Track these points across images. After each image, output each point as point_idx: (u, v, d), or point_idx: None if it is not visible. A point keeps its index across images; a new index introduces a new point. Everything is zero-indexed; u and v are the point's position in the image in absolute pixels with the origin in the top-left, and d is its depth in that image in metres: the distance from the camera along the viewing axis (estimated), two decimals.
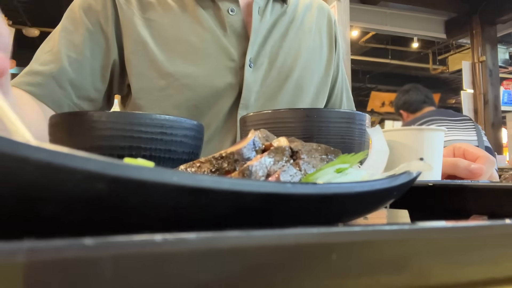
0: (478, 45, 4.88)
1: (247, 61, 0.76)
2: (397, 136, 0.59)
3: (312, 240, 0.16)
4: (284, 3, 0.86)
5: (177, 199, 0.17)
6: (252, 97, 0.76)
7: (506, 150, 5.48)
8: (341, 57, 0.96)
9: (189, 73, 0.73)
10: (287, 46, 0.83)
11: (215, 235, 0.14)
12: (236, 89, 0.75)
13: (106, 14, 0.74)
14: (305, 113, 0.47)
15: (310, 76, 0.84)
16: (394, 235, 0.18)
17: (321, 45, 0.90)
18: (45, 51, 0.72)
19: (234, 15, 0.78)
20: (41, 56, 0.72)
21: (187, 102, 0.73)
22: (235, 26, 0.78)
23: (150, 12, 0.75)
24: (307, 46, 0.86)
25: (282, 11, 0.86)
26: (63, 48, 0.71)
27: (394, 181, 0.26)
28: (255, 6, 0.80)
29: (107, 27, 0.73)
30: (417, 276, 0.18)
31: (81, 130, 0.39)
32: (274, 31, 0.82)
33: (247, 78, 0.75)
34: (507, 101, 5.53)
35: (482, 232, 0.21)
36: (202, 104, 0.73)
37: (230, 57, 0.76)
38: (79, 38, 0.72)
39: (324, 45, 0.90)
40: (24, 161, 0.14)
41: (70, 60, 0.71)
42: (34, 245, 0.12)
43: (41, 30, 5.33)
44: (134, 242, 0.13)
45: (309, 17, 0.90)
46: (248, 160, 0.30)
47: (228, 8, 0.78)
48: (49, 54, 0.71)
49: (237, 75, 0.76)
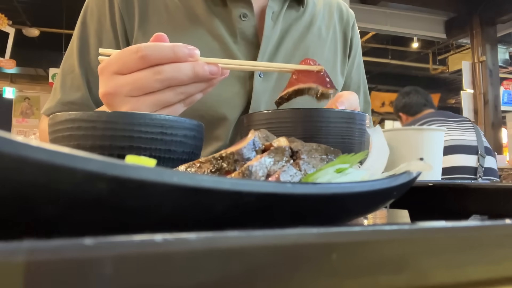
0: (478, 45, 4.88)
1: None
2: (397, 136, 0.59)
3: (312, 240, 0.16)
4: (300, 6, 0.81)
5: (177, 199, 0.17)
6: (262, 108, 0.73)
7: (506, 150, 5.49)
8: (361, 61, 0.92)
9: None
10: (300, 55, 0.78)
11: (215, 235, 0.14)
12: (244, 98, 0.73)
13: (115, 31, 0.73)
14: (305, 113, 0.47)
15: None
16: (394, 235, 0.18)
17: (336, 54, 0.85)
18: (68, 72, 0.72)
19: (246, 21, 0.74)
20: (66, 77, 0.72)
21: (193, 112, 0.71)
22: (246, 33, 0.74)
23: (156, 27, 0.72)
24: (322, 55, 0.82)
25: (297, 15, 0.81)
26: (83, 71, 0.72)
27: (394, 181, 0.26)
28: (269, 11, 0.76)
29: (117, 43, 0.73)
30: (417, 276, 0.18)
31: (81, 130, 0.39)
32: (287, 38, 0.78)
33: (256, 87, 0.72)
34: (507, 101, 5.53)
35: (482, 232, 0.21)
36: (209, 114, 0.71)
37: None
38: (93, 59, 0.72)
39: (338, 54, 0.86)
40: (24, 161, 0.14)
41: (89, 85, 0.72)
42: (34, 245, 0.12)
43: (41, 30, 5.33)
44: (134, 242, 0.13)
45: (328, 22, 0.85)
46: (248, 160, 0.30)
47: (241, 14, 0.74)
48: (72, 77, 0.72)
49: (246, 85, 0.73)
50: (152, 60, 0.43)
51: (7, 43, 4.85)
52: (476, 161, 1.77)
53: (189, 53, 0.44)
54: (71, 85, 0.71)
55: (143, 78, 0.43)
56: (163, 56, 0.43)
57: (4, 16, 4.79)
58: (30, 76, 6.92)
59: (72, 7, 4.49)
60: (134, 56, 0.43)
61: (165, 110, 0.46)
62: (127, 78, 0.44)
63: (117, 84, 0.45)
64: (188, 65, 0.44)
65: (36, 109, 6.74)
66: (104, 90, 0.46)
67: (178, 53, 0.44)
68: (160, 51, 0.43)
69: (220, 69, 0.47)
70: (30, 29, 5.25)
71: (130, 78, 0.44)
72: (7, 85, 6.57)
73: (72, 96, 0.71)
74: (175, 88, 0.45)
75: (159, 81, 0.44)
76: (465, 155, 1.78)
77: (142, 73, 0.44)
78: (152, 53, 0.43)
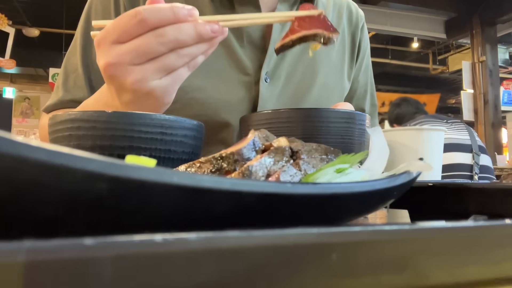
0: (478, 45, 4.89)
1: (263, 75, 0.71)
2: (397, 136, 0.59)
3: (312, 240, 0.16)
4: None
5: (177, 199, 0.17)
6: None
7: (506, 150, 5.49)
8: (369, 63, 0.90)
9: (198, 87, 0.68)
10: (307, 60, 0.76)
11: (215, 235, 0.14)
12: (250, 104, 0.71)
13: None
14: (305, 113, 0.47)
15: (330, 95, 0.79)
16: (394, 235, 0.18)
17: (343, 58, 0.84)
18: (71, 71, 0.72)
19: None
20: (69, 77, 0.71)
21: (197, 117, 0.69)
22: (253, 36, 0.72)
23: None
24: (329, 60, 0.80)
25: None
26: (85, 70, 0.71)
27: (394, 181, 0.26)
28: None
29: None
30: (417, 276, 0.18)
31: (81, 130, 0.39)
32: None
33: (262, 93, 0.70)
34: (507, 101, 5.53)
35: (482, 232, 0.21)
36: (213, 119, 0.69)
37: (244, 70, 0.71)
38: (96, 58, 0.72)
39: (346, 58, 0.84)
40: (24, 161, 0.14)
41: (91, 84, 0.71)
42: (34, 245, 0.12)
43: (41, 30, 5.33)
44: (134, 242, 0.13)
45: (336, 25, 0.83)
46: (248, 160, 0.30)
47: None
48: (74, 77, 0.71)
49: (251, 90, 0.71)
50: (152, 23, 0.41)
51: (7, 43, 4.85)
52: (471, 159, 1.80)
53: (189, 13, 0.43)
54: (74, 85, 0.71)
55: (146, 42, 0.42)
56: (163, 17, 0.41)
57: (4, 16, 4.79)
58: (30, 76, 6.92)
59: (72, 7, 4.50)
60: (133, 21, 0.41)
61: (170, 77, 0.44)
62: (128, 45, 0.42)
63: (118, 53, 0.42)
64: (190, 25, 0.43)
65: (36, 109, 6.75)
66: (105, 61, 0.43)
67: (178, 13, 0.42)
68: (160, 12, 0.41)
69: (221, 27, 0.45)
70: (30, 29, 5.26)
71: (132, 45, 0.42)
72: (7, 85, 6.57)
73: (74, 95, 0.70)
74: (179, 51, 0.43)
75: (163, 44, 0.42)
76: (460, 153, 1.81)
77: (144, 38, 0.42)
78: (151, 15, 0.41)
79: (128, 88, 0.43)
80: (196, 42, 0.44)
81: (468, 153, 1.82)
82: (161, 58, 0.43)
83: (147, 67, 0.43)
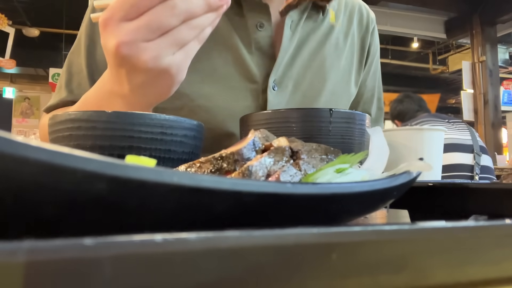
0: (478, 45, 4.89)
1: (271, 83, 0.69)
2: (397, 136, 0.59)
3: (312, 240, 0.16)
4: (320, 14, 0.76)
5: (177, 199, 0.17)
6: None
7: (506, 150, 5.49)
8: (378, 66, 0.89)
9: (205, 94, 0.67)
10: (316, 67, 0.75)
11: (215, 235, 0.14)
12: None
13: None
14: (305, 113, 0.47)
15: (337, 102, 0.77)
16: (394, 235, 0.18)
17: (351, 64, 0.82)
18: (76, 72, 0.71)
19: (262, 31, 0.70)
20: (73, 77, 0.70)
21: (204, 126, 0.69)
22: (262, 43, 0.70)
23: None
24: (338, 66, 0.78)
25: (316, 25, 0.77)
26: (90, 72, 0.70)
27: (394, 181, 0.26)
28: (288, 20, 0.71)
29: None
30: (417, 276, 0.18)
31: (81, 130, 0.39)
32: (304, 49, 0.74)
33: (270, 101, 0.69)
34: (507, 101, 5.54)
35: (482, 232, 0.21)
36: (219, 127, 0.68)
37: (252, 78, 0.69)
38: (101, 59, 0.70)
39: (354, 63, 0.83)
40: (24, 161, 0.14)
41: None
42: (34, 245, 0.12)
43: (41, 30, 5.33)
44: (134, 242, 0.13)
45: (346, 29, 0.81)
46: (248, 160, 0.30)
47: (257, 23, 0.70)
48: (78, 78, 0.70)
49: (259, 98, 0.69)
50: None
51: (7, 43, 4.85)
52: (472, 159, 1.80)
53: None
54: (78, 86, 0.69)
55: (158, 16, 0.40)
56: None
57: (4, 16, 4.79)
58: (30, 76, 6.93)
59: (72, 7, 4.50)
60: None
61: (182, 51, 0.43)
62: (139, 21, 0.40)
63: (129, 30, 0.40)
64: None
65: (36, 109, 6.75)
66: (117, 40, 0.40)
67: None
68: None
69: None
70: (30, 29, 5.26)
71: (143, 20, 0.40)
72: (7, 85, 6.57)
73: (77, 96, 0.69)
74: (189, 22, 0.42)
75: (176, 15, 0.40)
76: (461, 153, 1.81)
77: (155, 11, 0.40)
78: None
79: (142, 68, 0.42)
80: (205, 12, 0.43)
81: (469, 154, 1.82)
82: (173, 32, 0.41)
83: (161, 42, 0.41)
